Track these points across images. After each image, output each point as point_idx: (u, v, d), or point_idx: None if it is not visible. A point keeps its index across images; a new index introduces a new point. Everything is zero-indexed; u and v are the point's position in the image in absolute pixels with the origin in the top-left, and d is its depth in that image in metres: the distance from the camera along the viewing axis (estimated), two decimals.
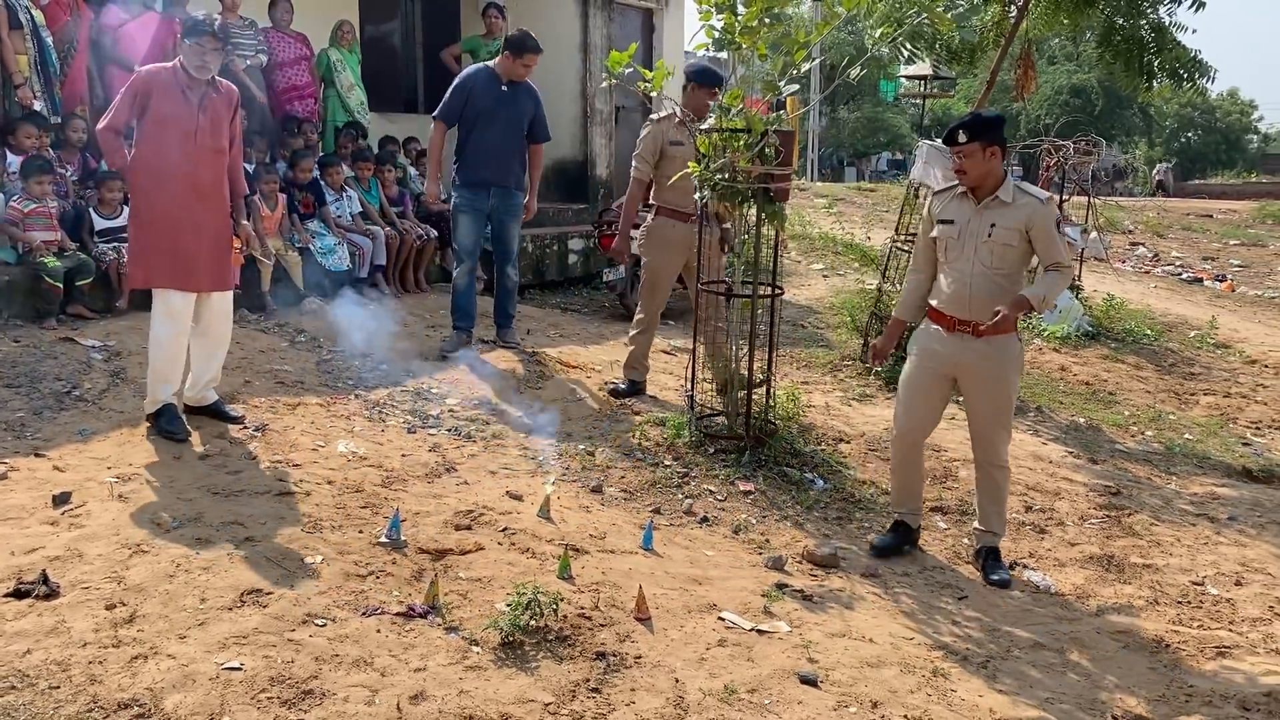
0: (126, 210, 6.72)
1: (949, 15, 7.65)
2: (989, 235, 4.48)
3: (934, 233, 4.68)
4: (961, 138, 4.44)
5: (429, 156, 7.14)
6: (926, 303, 4.74)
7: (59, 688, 2.93)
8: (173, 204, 4.82)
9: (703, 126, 5.55)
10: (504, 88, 6.77)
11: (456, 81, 6.80)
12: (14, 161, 6.39)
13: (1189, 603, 4.60)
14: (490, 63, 6.92)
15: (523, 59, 6.72)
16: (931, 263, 4.73)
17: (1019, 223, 4.43)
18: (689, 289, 6.43)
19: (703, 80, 6.13)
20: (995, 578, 4.66)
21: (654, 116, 6.23)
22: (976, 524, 4.83)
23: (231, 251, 5.11)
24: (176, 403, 4.99)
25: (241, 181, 5.25)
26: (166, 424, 4.91)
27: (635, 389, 6.48)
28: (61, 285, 6.13)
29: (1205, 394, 8.47)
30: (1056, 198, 4.77)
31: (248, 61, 8.01)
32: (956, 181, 4.64)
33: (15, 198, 6.23)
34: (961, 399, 4.82)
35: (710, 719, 3.14)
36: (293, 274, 7.37)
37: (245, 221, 5.31)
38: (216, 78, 4.97)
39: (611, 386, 6.50)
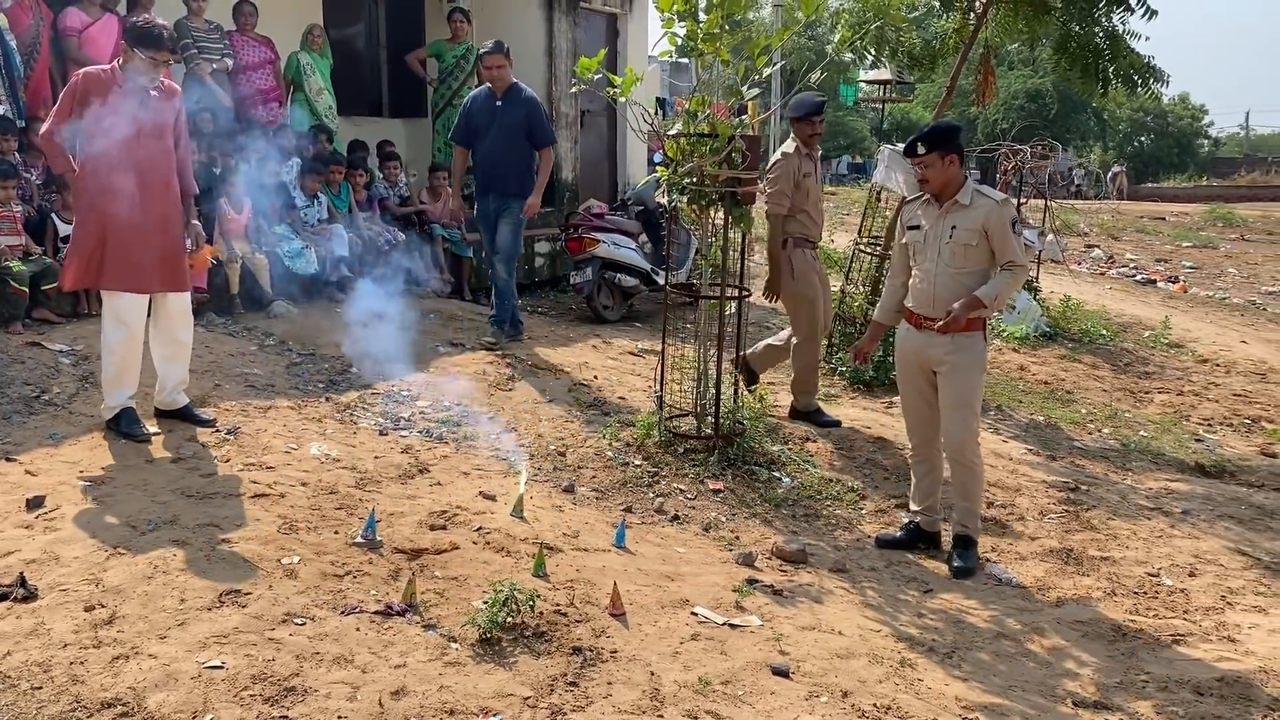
0: None
1: (909, 19, 7.80)
2: (950, 237, 4.68)
3: (904, 238, 4.88)
4: (920, 149, 4.67)
5: (452, 176, 7.68)
6: (903, 306, 4.92)
7: (41, 688, 2.95)
8: (120, 205, 4.75)
9: (670, 133, 5.64)
10: (498, 101, 7.16)
11: (462, 106, 7.38)
12: None
13: (1145, 593, 4.74)
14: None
15: (484, 62, 7.16)
16: (907, 268, 4.93)
17: (977, 223, 4.63)
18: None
19: (799, 114, 6.42)
20: (956, 564, 4.80)
21: (785, 149, 6.48)
22: (952, 515, 4.99)
23: (184, 252, 5.03)
24: (135, 405, 4.98)
25: (190, 181, 5.18)
26: (126, 428, 4.90)
27: (816, 413, 6.60)
28: (27, 289, 6.10)
29: (1159, 392, 8.67)
30: (1013, 200, 4.92)
31: (214, 66, 7.99)
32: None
33: None
34: None
35: (686, 710, 3.21)
36: (260, 277, 7.36)
37: (195, 221, 5.25)
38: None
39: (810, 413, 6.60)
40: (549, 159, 7.39)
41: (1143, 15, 7.69)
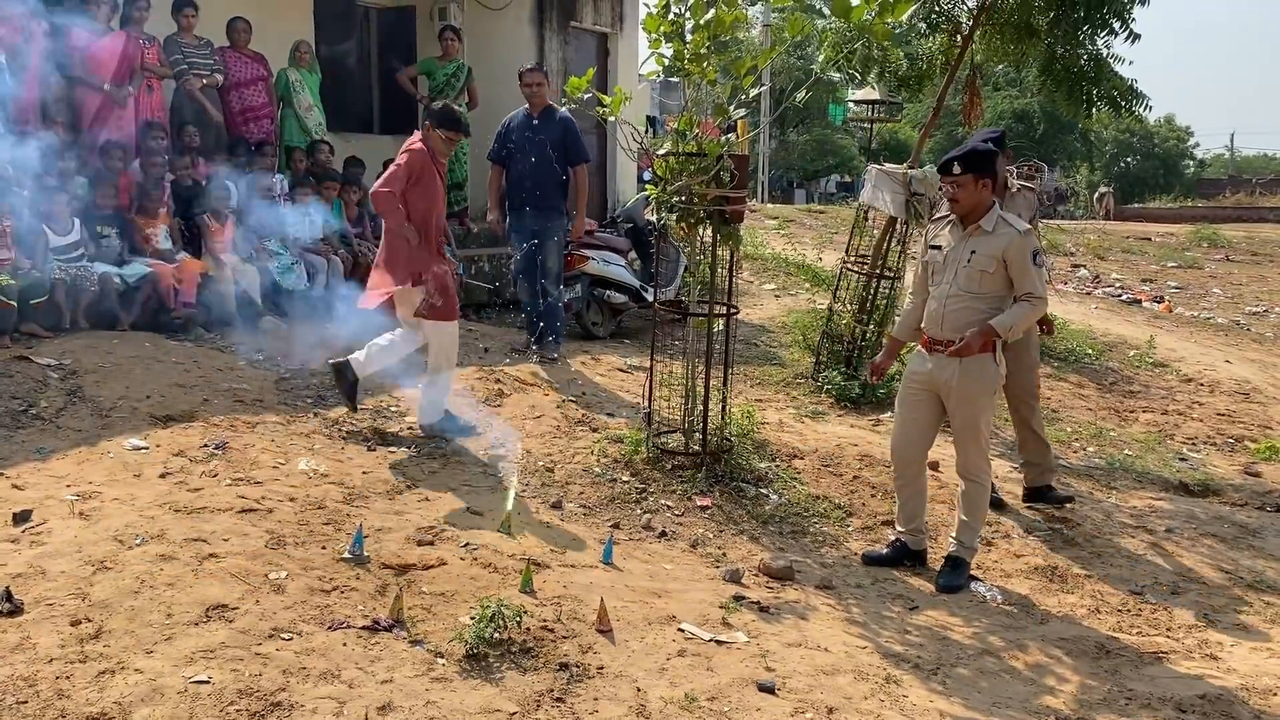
0: (77, 224, 6.75)
1: (893, 35, 7.86)
2: (968, 261, 4.70)
3: (925, 257, 4.91)
4: (956, 169, 4.65)
5: (489, 193, 7.93)
6: (920, 324, 4.96)
7: (26, 702, 2.95)
8: (429, 255, 5.70)
9: (659, 152, 5.68)
10: (534, 120, 7.45)
11: (500, 126, 7.65)
12: None
13: (1129, 611, 4.78)
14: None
15: (523, 80, 7.47)
16: (927, 286, 4.94)
17: (997, 251, 4.64)
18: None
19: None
20: (942, 581, 4.84)
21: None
22: (951, 532, 5.04)
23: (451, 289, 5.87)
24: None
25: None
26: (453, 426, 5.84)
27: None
28: (15, 303, 6.10)
29: (1144, 411, 8.73)
30: (1035, 230, 4.79)
31: (203, 81, 8.02)
32: (949, 210, 4.86)
33: None
34: None
35: None
36: (250, 291, 7.36)
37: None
38: None
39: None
40: (583, 177, 7.63)
41: (1126, 39, 7.78)
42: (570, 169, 7.53)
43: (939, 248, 4.86)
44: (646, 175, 6.54)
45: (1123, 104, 8.09)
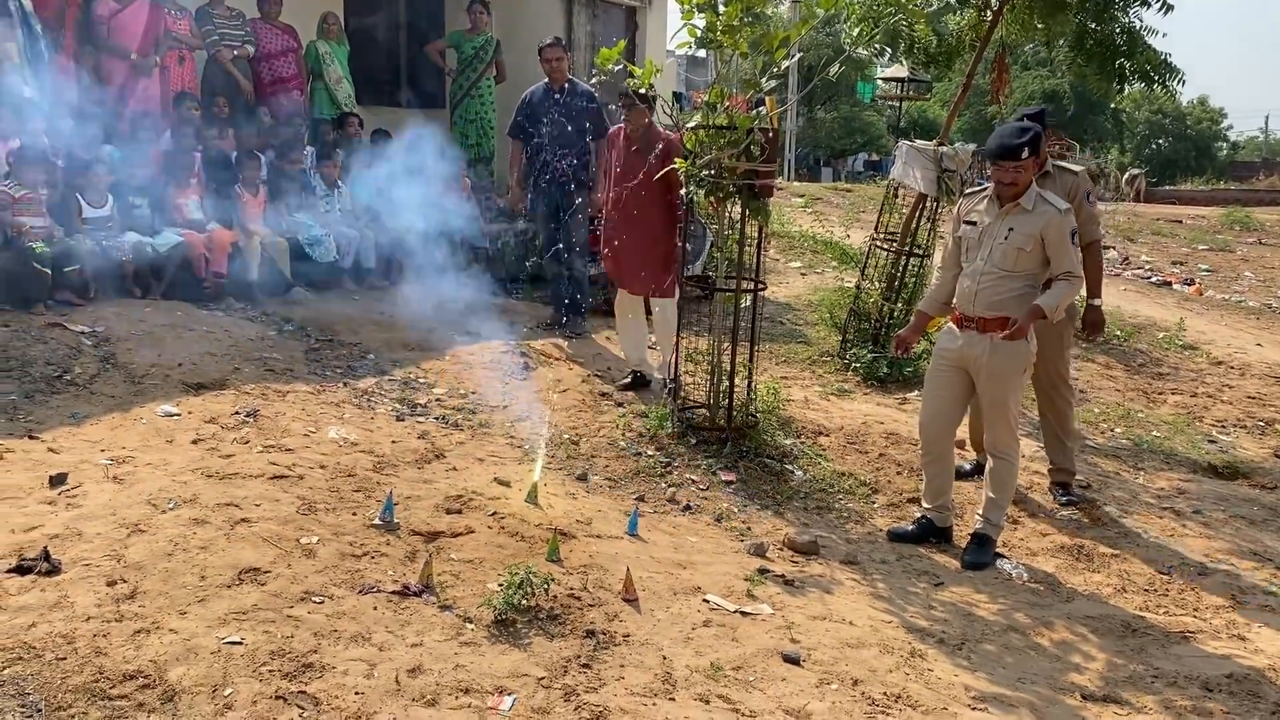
0: (111, 200, 6.82)
1: (925, 12, 7.78)
2: (1005, 238, 4.67)
3: (959, 232, 4.88)
4: (1025, 154, 4.59)
5: (509, 168, 7.96)
6: (950, 299, 4.94)
7: (65, 659, 3.00)
8: (610, 226, 6.39)
9: (689, 125, 5.66)
10: (556, 95, 7.42)
11: (519, 101, 7.62)
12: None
13: (1155, 591, 4.76)
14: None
15: (544, 55, 7.41)
16: (958, 263, 4.92)
17: (1036, 229, 4.62)
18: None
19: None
20: (968, 558, 4.84)
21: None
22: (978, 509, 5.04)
23: (664, 266, 6.19)
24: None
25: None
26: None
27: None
28: (50, 271, 6.17)
29: (1173, 393, 8.66)
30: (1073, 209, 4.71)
31: (234, 52, 8.05)
32: (984, 185, 4.83)
33: (6, 182, 6.26)
34: None
35: (697, 693, 3.25)
36: (280, 262, 7.42)
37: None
38: (656, 127, 6.20)
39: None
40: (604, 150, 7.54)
41: (1159, 9, 7.65)
42: (593, 143, 7.49)
43: (974, 223, 4.82)
44: None
45: (1155, 78, 7.96)
